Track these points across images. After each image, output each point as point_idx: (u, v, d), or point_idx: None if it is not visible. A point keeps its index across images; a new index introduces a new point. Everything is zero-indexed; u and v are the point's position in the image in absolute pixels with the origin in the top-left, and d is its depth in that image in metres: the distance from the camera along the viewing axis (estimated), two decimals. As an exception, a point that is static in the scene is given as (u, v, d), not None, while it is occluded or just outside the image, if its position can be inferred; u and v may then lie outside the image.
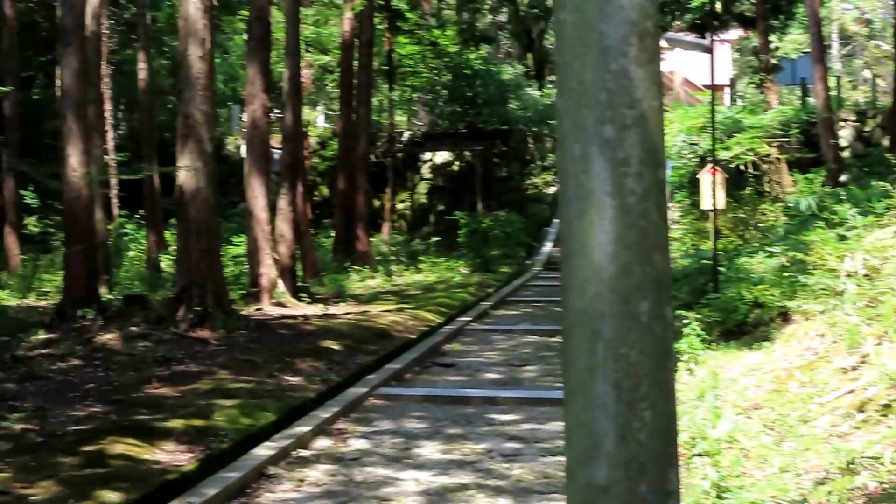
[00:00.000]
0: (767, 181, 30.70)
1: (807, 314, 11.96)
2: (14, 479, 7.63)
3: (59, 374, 11.58)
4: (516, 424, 9.82)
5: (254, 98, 18.21)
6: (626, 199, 3.35)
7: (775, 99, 37.74)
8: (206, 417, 9.66)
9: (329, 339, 14.33)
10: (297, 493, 7.70)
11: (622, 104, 3.37)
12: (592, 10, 3.41)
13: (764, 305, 13.41)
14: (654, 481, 3.33)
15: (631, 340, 3.33)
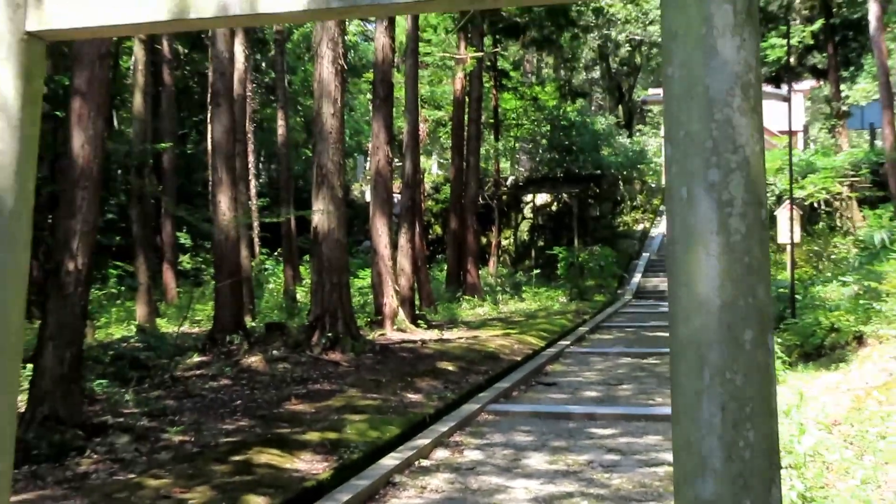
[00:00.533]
0: (839, 217, 30.21)
1: (881, 338, 11.68)
2: (174, 484, 7.76)
3: (210, 392, 11.77)
4: (614, 438, 9.70)
5: (378, 149, 18.41)
6: (731, 237, 3.30)
7: (846, 142, 37.12)
8: (339, 431, 9.71)
9: (444, 361, 14.34)
10: (420, 499, 7.68)
11: (727, 150, 3.33)
12: (698, 65, 3.38)
13: (840, 330, 13.12)
14: (758, 497, 3.25)
15: (736, 366, 3.26)
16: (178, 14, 3.93)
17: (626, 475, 8.23)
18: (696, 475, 3.26)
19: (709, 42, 3.36)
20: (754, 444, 3.25)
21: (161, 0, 3.94)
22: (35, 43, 4.11)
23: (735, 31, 3.37)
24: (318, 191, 14.77)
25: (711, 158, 3.32)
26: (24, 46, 4.05)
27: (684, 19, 3.38)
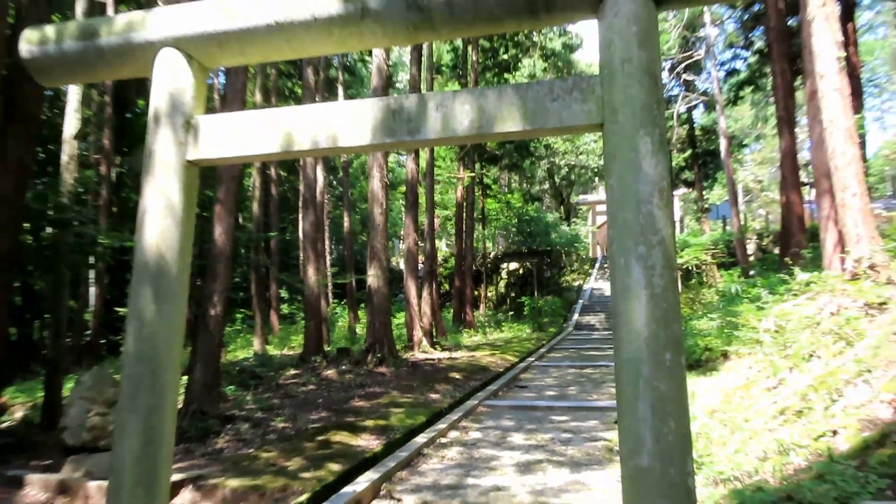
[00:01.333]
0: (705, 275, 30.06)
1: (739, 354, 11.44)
2: (278, 456, 7.57)
3: (302, 394, 11.57)
4: (567, 423, 9.48)
5: (408, 236, 18.36)
6: (654, 290, 3.16)
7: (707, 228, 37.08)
8: (386, 419, 9.48)
9: (453, 372, 14.10)
10: (441, 465, 7.46)
11: (650, 233, 3.21)
12: (629, 177, 3.27)
13: (711, 349, 12.86)
14: (678, 466, 3.07)
15: (660, 378, 3.11)
16: (286, 147, 3.85)
17: (577, 447, 7.98)
18: (636, 453, 3.09)
19: (636, 162, 3.26)
20: (674, 431, 3.09)
21: (275, 138, 3.87)
22: (192, 168, 4.03)
23: (653, 156, 3.28)
24: (371, 262, 14.69)
25: (640, 238, 3.21)
26: (185, 170, 3.97)
27: (620, 148, 3.29)
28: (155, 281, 3.85)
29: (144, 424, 3.74)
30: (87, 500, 6.07)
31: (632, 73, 3.34)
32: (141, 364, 3.80)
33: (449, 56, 30.21)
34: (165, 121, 3.99)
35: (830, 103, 9.74)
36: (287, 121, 3.88)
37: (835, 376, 7.16)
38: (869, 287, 8.70)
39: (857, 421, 5.79)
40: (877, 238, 9.38)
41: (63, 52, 4.15)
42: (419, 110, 3.68)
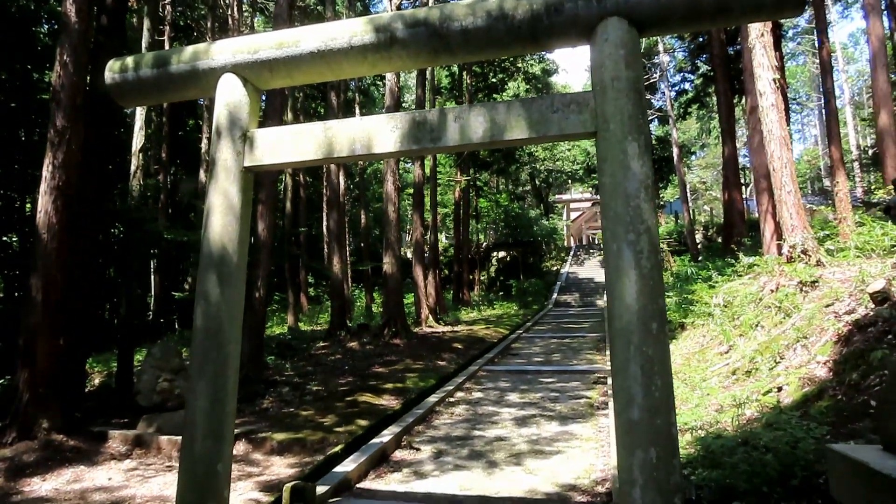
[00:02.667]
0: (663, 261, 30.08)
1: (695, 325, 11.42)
2: (315, 414, 7.54)
3: (330, 362, 11.53)
4: (554, 384, 9.43)
5: (416, 230, 18.27)
6: (643, 271, 3.13)
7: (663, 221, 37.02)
8: (403, 382, 9.46)
9: (456, 343, 14.08)
10: (451, 420, 7.42)
11: (638, 223, 3.17)
12: (620, 176, 3.23)
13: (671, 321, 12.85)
14: (664, 417, 3.04)
15: (648, 343, 3.08)
16: (328, 154, 3.80)
17: (564, 404, 7.96)
18: (628, 407, 3.07)
19: (625, 164, 3.23)
20: (660, 388, 3.06)
21: (318, 147, 3.82)
22: (248, 173, 3.98)
23: (639, 158, 3.24)
24: (386, 252, 14.62)
25: (629, 227, 3.18)
26: (242, 175, 3.93)
27: (612, 151, 3.25)
28: (218, 268, 3.81)
29: (212, 387, 3.71)
30: (160, 450, 6.04)
31: (620, 89, 3.30)
32: (208, 338, 3.77)
33: (447, 80, 30.06)
34: (225, 134, 3.95)
35: (769, 117, 9.70)
36: (328, 132, 3.83)
37: (777, 342, 7.15)
38: (802, 268, 8.68)
39: (798, 379, 5.78)
40: (808, 228, 9.36)
41: (139, 78, 4.10)
42: (440, 122, 3.63)
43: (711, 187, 57.99)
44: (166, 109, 18.90)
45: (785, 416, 4.85)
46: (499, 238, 36.78)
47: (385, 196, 14.77)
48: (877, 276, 6.71)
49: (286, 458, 6.04)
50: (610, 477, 5.04)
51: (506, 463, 5.59)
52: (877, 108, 12.78)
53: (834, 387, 5.14)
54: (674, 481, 2.96)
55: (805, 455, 3.90)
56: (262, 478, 5.45)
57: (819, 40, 16.97)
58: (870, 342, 5.37)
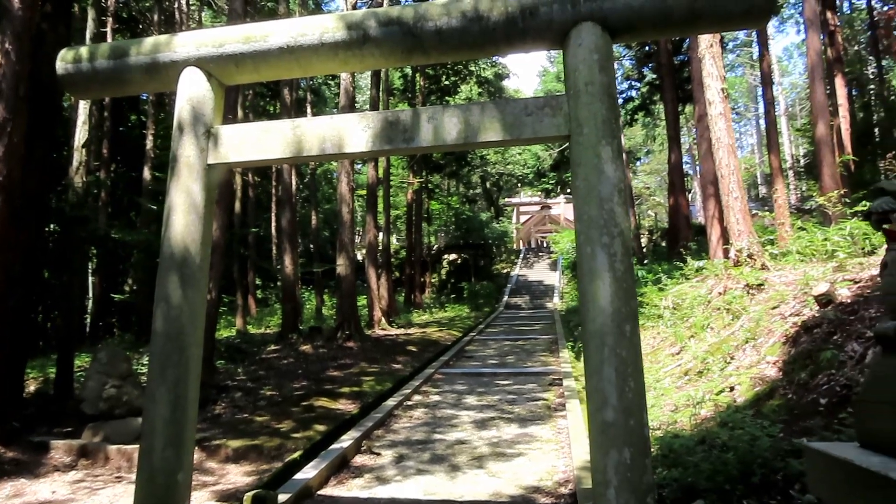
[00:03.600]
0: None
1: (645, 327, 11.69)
2: (270, 419, 7.37)
3: (283, 366, 11.26)
4: (510, 386, 9.49)
5: (369, 231, 18.13)
6: (616, 273, 3.17)
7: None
8: (359, 386, 9.35)
9: (410, 345, 14.02)
10: (411, 423, 7.36)
11: (612, 225, 3.21)
12: (594, 179, 3.26)
13: (621, 324, 13.15)
14: (637, 418, 3.09)
15: (622, 346, 3.12)
16: (297, 153, 3.71)
17: (522, 406, 8.02)
18: (602, 408, 3.10)
19: (599, 167, 3.27)
20: (634, 389, 3.11)
21: (287, 145, 3.73)
22: (212, 170, 3.85)
23: (613, 162, 3.29)
24: (340, 254, 14.41)
25: (603, 230, 3.22)
26: (206, 173, 3.79)
27: (585, 155, 3.29)
28: (180, 269, 3.66)
29: (173, 393, 3.56)
30: (108, 461, 5.76)
31: (594, 94, 3.34)
32: (169, 341, 3.61)
33: (399, 81, 29.96)
34: (188, 130, 3.80)
35: (717, 125, 10.05)
36: (297, 130, 3.74)
37: (727, 343, 7.40)
38: (748, 272, 9.02)
39: (749, 379, 5.99)
40: (753, 233, 9.75)
41: (95, 70, 3.90)
42: (414, 122, 3.59)
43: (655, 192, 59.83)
44: (107, 104, 18.15)
45: (739, 414, 5.01)
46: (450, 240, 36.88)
47: (339, 197, 14.57)
48: (820, 280, 7.03)
49: (242, 465, 5.87)
50: (572, 478, 5.10)
51: (468, 466, 5.58)
52: (814, 119, 13.45)
53: (784, 386, 5.35)
54: (647, 481, 3.01)
55: (762, 453, 4.04)
56: (217, 487, 5.27)
57: (760, 52, 17.75)
58: (816, 343, 5.61)
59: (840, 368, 5.00)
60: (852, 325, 5.49)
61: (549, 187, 38.97)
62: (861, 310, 5.66)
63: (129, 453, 5.76)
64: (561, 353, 12.58)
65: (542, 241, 54.34)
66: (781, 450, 4.05)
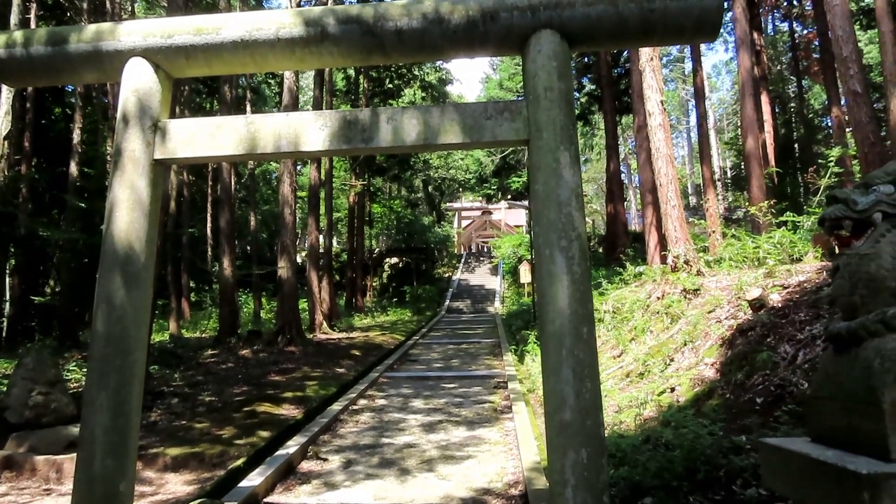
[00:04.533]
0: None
1: (585, 331, 11.97)
2: (211, 426, 7.11)
3: (222, 371, 10.91)
4: (456, 389, 9.52)
5: (311, 233, 17.84)
6: (574, 276, 3.23)
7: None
8: (303, 391, 9.15)
9: (353, 349, 13.85)
10: (357, 428, 7.28)
11: (570, 229, 3.27)
12: (552, 183, 3.32)
13: (563, 328, 13.39)
14: (593, 418, 3.16)
15: (579, 347, 3.18)
16: (250, 150, 3.61)
17: (469, 409, 8.05)
18: (560, 409, 3.15)
19: (558, 172, 3.33)
20: (590, 390, 3.18)
21: (240, 142, 3.62)
22: (159, 166, 3.70)
23: (571, 167, 3.36)
24: (281, 256, 14.08)
25: (562, 234, 3.27)
26: (152, 168, 3.64)
27: (544, 160, 3.34)
28: (123, 268, 3.49)
29: (115, 399, 3.38)
30: (35, 472, 5.42)
31: (553, 100, 3.40)
32: (110, 344, 3.43)
33: (342, 82, 29.66)
34: (134, 123, 3.64)
35: (657, 136, 10.43)
36: (251, 127, 3.64)
37: (667, 346, 7.67)
38: (685, 277, 9.39)
39: (689, 380, 6.23)
40: (689, 240, 10.15)
41: (30, 56, 3.68)
42: (372, 122, 3.56)
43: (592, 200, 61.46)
44: (30, 94, 17.15)
45: (681, 414, 5.20)
46: (392, 244, 36.75)
47: (281, 198, 14.26)
48: (752, 285, 7.39)
49: (182, 474, 5.64)
50: (522, 479, 5.16)
51: (418, 470, 5.56)
52: (744, 134, 14.16)
53: (722, 386, 5.59)
54: (603, 479, 3.08)
55: (705, 450, 4.20)
56: (157, 497, 5.05)
57: (693, 67, 18.55)
58: (751, 345, 5.89)
59: (774, 369, 5.26)
60: (784, 328, 5.80)
61: (491, 192, 39.32)
62: (791, 313, 5.98)
63: (59, 464, 5.44)
64: (504, 356, 12.72)
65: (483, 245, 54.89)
66: (723, 447, 4.23)
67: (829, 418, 1.89)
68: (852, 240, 1.84)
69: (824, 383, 1.93)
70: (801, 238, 9.14)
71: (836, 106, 18.98)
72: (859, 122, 6.90)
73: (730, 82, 54.80)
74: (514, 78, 35.83)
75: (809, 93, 34.31)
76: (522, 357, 12.15)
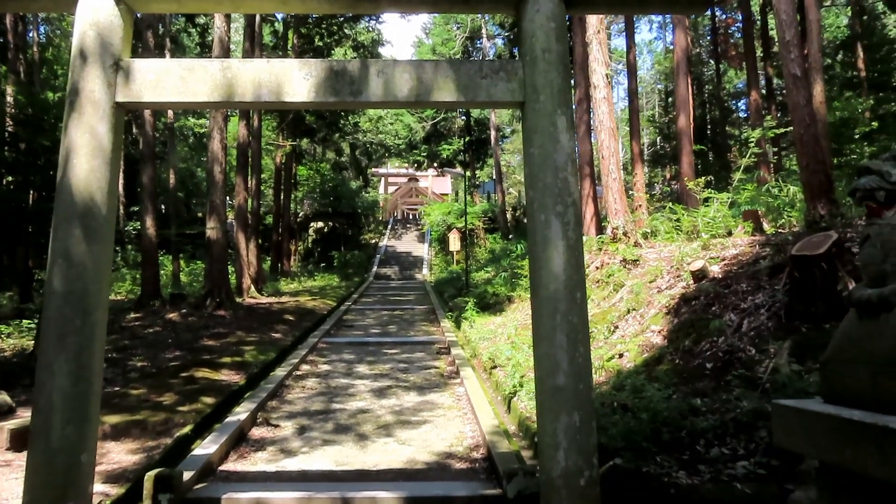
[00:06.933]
0: (476, 237, 31.43)
1: (522, 298, 12.20)
2: (149, 392, 6.73)
3: (150, 335, 10.34)
4: (399, 355, 9.47)
5: (238, 193, 17.08)
6: (569, 241, 3.23)
7: (479, 200, 38.88)
8: (241, 356, 8.83)
9: (286, 314, 13.46)
10: (305, 394, 7.11)
11: (566, 194, 3.25)
12: (549, 147, 3.28)
13: (498, 294, 13.60)
14: (585, 382, 3.20)
15: (573, 312, 3.20)
16: (227, 98, 3.35)
17: (416, 374, 8.03)
18: (553, 374, 3.17)
19: (555, 136, 3.29)
20: (583, 355, 3.21)
21: (215, 87, 3.34)
22: (121, 110, 3.37)
23: (567, 131, 3.32)
24: (211, 216, 13.36)
25: (558, 199, 3.25)
26: (114, 112, 3.32)
27: (541, 123, 3.29)
28: (83, 221, 3.19)
29: (75, 363, 3.13)
30: (-44, 444, 4.95)
31: (551, 62, 3.34)
32: (69, 304, 3.15)
33: (269, 37, 28.28)
34: (93, 60, 3.29)
35: (601, 108, 10.61)
36: (227, 72, 3.37)
37: (610, 314, 7.91)
38: (624, 248, 9.69)
39: (637, 346, 6.46)
40: (628, 212, 10.48)
41: (-29, -26, 3.23)
42: (362, 74, 3.38)
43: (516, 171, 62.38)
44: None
45: (637, 378, 5.39)
46: (318, 208, 35.80)
47: (210, 155, 13.49)
48: (692, 257, 7.73)
49: (125, 443, 5.32)
50: (482, 443, 5.22)
51: (376, 435, 5.51)
52: (677, 111, 14.68)
53: (671, 352, 5.83)
54: (592, 442, 3.13)
55: (665, 413, 4.37)
56: (101, 468, 4.73)
57: (627, 44, 18.95)
58: (697, 313, 6.17)
59: (719, 336, 5.54)
60: (727, 297, 6.10)
61: (421, 160, 38.97)
62: (734, 284, 6.30)
63: None
64: (441, 322, 12.78)
65: (410, 213, 54.68)
66: (682, 410, 4.42)
67: (850, 380, 1.98)
68: (884, 210, 1.92)
69: (846, 347, 2.02)
70: (732, 214, 9.62)
71: (754, 89, 19.98)
72: (797, 104, 7.27)
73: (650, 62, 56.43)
74: (448, 44, 35.36)
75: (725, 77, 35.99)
76: (459, 323, 12.26)
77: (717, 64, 30.45)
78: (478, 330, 10.55)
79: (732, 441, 3.95)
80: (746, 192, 10.57)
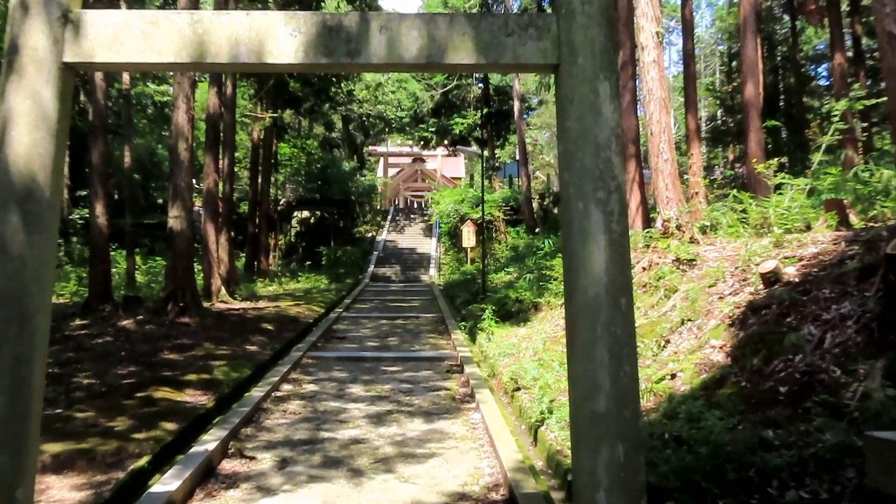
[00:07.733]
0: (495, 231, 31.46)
1: (551, 305, 12.20)
2: (98, 416, 6.79)
3: (99, 346, 10.44)
4: (401, 373, 9.53)
5: (208, 176, 17.17)
6: (612, 235, 3.22)
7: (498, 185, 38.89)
8: (209, 373, 8.89)
9: (264, 322, 13.56)
10: (287, 419, 7.16)
11: (609, 178, 3.25)
12: (589, 120, 3.27)
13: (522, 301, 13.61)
14: (632, 408, 3.19)
15: (617, 322, 3.19)
16: (198, 58, 3.35)
17: (422, 397, 8.07)
18: (592, 397, 3.15)
19: (596, 106, 3.27)
20: (629, 374, 3.20)
21: (183, 45, 3.35)
22: (69, 72, 3.39)
23: (611, 101, 3.30)
24: (174, 202, 13.46)
25: (599, 183, 3.24)
26: (61, 74, 3.33)
27: (579, 90, 3.27)
28: (22, 205, 3.21)
29: (10, 379, 3.14)
30: None
31: (592, 15, 3.32)
32: (5, 306, 3.17)
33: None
34: (36, 11, 3.31)
35: (650, 74, 10.57)
36: (197, 27, 3.38)
37: (659, 325, 7.89)
38: (677, 245, 9.66)
39: (693, 365, 6.43)
40: (683, 201, 10.44)
41: None
42: (361, 30, 3.37)
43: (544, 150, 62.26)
44: None
45: (692, 405, 5.37)
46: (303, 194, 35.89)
47: (175, 129, 13.56)
48: (762, 256, 7.68)
49: (69, 477, 5.36)
50: (503, 482, 5.23)
51: (373, 470, 5.53)
52: (743, 78, 14.58)
53: (736, 373, 5.81)
54: (640, 481, 3.12)
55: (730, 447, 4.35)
56: (40, 506, 4.79)
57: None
58: (768, 325, 6.14)
59: (796, 353, 5.50)
60: (806, 305, 6.06)
61: (428, 136, 38.86)
62: (814, 290, 6.26)
63: None
64: (453, 334, 12.81)
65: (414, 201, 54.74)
66: (751, 444, 4.40)
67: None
68: None
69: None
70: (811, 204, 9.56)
71: (839, 51, 19.83)
72: (893, 69, 7.20)
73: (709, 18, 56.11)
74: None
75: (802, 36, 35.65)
76: (474, 336, 12.28)
77: (792, 20, 30.15)
78: (497, 344, 10.58)
79: (813, 482, 3.92)
80: (829, 177, 10.50)
